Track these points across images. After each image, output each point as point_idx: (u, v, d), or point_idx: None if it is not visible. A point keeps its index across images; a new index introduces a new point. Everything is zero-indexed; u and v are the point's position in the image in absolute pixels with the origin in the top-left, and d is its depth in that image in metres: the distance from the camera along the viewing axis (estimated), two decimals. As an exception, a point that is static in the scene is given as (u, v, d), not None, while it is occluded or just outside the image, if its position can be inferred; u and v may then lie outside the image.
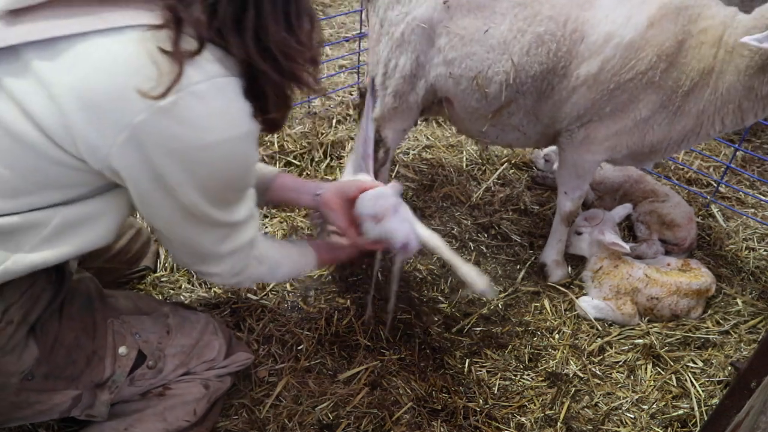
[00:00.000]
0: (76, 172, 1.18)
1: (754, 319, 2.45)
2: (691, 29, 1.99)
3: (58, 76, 1.07)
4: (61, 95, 1.07)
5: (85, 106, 1.07)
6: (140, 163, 1.13)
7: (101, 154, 1.12)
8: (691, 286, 2.37)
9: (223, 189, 1.27)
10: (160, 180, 1.17)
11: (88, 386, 1.48)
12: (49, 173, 1.16)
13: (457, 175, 3.12)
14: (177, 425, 1.63)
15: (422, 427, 1.92)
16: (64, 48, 1.08)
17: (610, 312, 2.37)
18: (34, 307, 1.35)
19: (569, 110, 2.17)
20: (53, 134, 1.11)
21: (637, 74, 2.02)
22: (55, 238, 1.25)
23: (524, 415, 2.00)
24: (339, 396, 1.98)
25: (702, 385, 2.16)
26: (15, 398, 1.37)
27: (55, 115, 1.09)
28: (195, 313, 1.76)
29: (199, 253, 1.41)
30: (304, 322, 2.22)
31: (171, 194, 1.21)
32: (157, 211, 1.27)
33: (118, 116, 1.08)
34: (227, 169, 1.22)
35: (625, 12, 2.01)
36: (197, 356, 1.67)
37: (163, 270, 2.36)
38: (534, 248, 2.72)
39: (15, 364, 1.32)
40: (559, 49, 2.06)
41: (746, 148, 3.54)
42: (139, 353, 1.57)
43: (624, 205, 2.71)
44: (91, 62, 1.07)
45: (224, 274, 1.49)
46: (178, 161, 1.14)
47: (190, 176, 1.18)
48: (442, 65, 2.22)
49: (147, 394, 1.61)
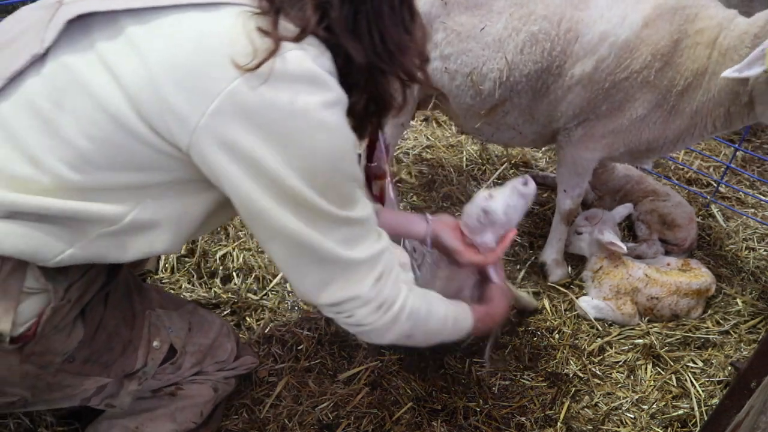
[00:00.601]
0: (155, 153, 1.14)
1: (754, 319, 2.45)
2: (687, 29, 1.99)
3: (152, 42, 1.07)
4: (153, 62, 1.06)
5: (176, 73, 1.05)
6: (231, 141, 1.08)
7: (189, 126, 1.07)
8: (691, 286, 2.37)
9: (326, 172, 1.16)
10: (253, 166, 1.10)
11: (118, 375, 1.48)
12: (127, 149, 1.12)
13: (457, 175, 3.12)
14: (185, 426, 1.64)
15: (422, 427, 1.92)
16: (161, 17, 1.08)
17: (610, 312, 2.37)
18: (88, 290, 1.35)
19: (565, 109, 2.17)
20: (141, 103, 1.08)
21: (632, 73, 2.02)
22: (123, 236, 1.24)
23: (524, 415, 2.00)
24: (339, 396, 1.98)
25: (702, 385, 2.16)
26: (52, 379, 1.36)
27: (146, 81, 1.06)
28: (211, 313, 1.76)
29: (327, 266, 1.24)
30: (304, 322, 2.22)
31: (271, 184, 1.12)
32: (262, 213, 1.16)
33: (209, 84, 1.05)
34: (322, 142, 1.12)
35: (619, 12, 2.01)
36: (211, 356, 1.68)
37: (163, 271, 2.36)
38: (534, 248, 2.72)
39: (63, 343, 1.32)
40: (554, 48, 2.06)
41: (746, 148, 3.54)
42: (169, 347, 1.57)
43: (625, 205, 2.71)
44: (186, 31, 1.06)
45: (366, 296, 1.27)
46: (268, 134, 1.08)
47: (285, 153, 1.10)
48: (439, 60, 2.23)
49: (159, 392, 1.61)
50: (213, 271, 2.40)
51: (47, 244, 1.17)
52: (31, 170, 1.12)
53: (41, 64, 1.13)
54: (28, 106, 1.12)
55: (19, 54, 1.13)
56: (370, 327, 1.33)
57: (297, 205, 1.15)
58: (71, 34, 1.12)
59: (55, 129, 1.11)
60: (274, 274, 2.39)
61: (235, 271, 2.40)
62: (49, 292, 1.23)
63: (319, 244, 1.20)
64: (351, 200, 1.23)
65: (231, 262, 2.43)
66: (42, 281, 1.22)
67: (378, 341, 1.41)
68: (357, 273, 1.26)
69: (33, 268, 1.21)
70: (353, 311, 1.29)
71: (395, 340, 1.41)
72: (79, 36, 1.11)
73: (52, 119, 1.11)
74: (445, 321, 1.51)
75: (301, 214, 1.16)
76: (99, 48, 1.09)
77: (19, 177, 1.13)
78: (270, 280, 2.38)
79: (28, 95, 1.12)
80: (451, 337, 1.58)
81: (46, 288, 1.23)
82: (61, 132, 1.11)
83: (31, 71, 1.13)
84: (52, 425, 1.78)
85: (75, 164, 1.13)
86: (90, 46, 1.10)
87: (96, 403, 1.50)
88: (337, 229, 1.21)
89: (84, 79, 1.09)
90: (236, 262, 2.43)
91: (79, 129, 1.11)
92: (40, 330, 1.24)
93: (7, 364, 1.25)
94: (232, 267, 2.42)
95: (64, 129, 1.11)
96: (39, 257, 1.18)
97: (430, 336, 1.51)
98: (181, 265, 2.39)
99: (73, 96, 1.10)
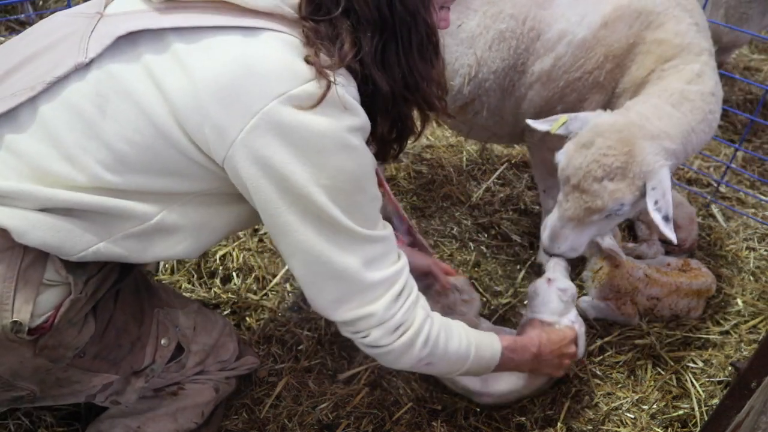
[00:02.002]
0: (189, 162, 1.21)
1: (754, 319, 2.45)
2: (645, 35, 1.96)
3: (198, 59, 1.14)
4: (198, 77, 1.13)
5: (220, 90, 1.12)
6: (265, 156, 1.15)
7: (228, 140, 1.14)
8: (691, 286, 2.37)
9: (351, 190, 1.24)
10: (282, 182, 1.18)
11: (126, 372, 1.50)
12: (164, 156, 1.20)
13: (457, 175, 3.12)
14: (187, 426, 1.65)
15: (422, 427, 1.92)
16: (207, 37, 1.16)
17: (610, 312, 2.37)
18: (102, 286, 1.39)
19: (527, 107, 2.19)
20: (183, 115, 1.15)
21: (585, 73, 2.03)
22: (147, 237, 1.29)
23: (524, 415, 2.00)
24: (339, 396, 1.98)
25: (702, 386, 2.16)
26: (62, 374, 1.39)
27: (190, 95, 1.14)
28: (214, 313, 1.78)
29: (345, 283, 1.29)
30: (304, 322, 2.22)
31: (298, 200, 1.20)
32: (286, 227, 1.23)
33: (249, 102, 1.12)
34: (349, 162, 1.20)
35: (580, 10, 2.02)
36: (214, 356, 1.69)
37: (163, 271, 2.36)
38: (534, 248, 2.71)
39: (75, 337, 1.35)
40: (519, 46, 2.09)
41: (746, 148, 3.54)
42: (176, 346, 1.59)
43: (624, 205, 2.70)
44: (231, 51, 1.14)
45: (382, 315, 1.31)
46: (300, 152, 1.15)
47: (314, 171, 1.17)
48: None
49: (161, 391, 1.62)
50: (213, 271, 2.40)
51: (73, 238, 1.22)
52: (68, 168, 1.19)
53: (85, 71, 1.19)
54: (70, 109, 1.18)
55: (60, 61, 1.19)
56: (385, 349, 1.36)
57: (321, 222, 1.22)
58: (117, 44, 1.18)
59: (96, 132, 1.18)
60: (274, 274, 2.40)
61: (235, 271, 2.40)
62: (69, 285, 1.28)
63: (338, 261, 1.25)
64: (373, 219, 1.31)
65: (231, 262, 2.43)
66: (63, 274, 1.26)
67: (394, 366, 1.45)
68: (374, 292, 1.30)
69: (54, 260, 1.25)
70: (369, 331, 1.34)
71: (413, 367, 1.44)
72: (125, 47, 1.19)
73: (94, 123, 1.18)
74: (468, 349, 1.51)
75: (324, 231, 1.23)
76: (145, 60, 1.17)
77: (54, 174, 1.19)
78: (270, 280, 2.38)
79: (70, 99, 1.19)
80: (479, 367, 1.58)
81: (66, 281, 1.27)
82: (101, 135, 1.18)
83: (74, 77, 1.19)
84: (51, 426, 1.78)
85: (111, 166, 1.19)
86: (136, 58, 1.18)
87: (101, 400, 1.52)
88: (359, 247, 1.27)
89: (129, 88, 1.17)
90: (236, 262, 2.43)
91: (120, 134, 1.17)
92: (56, 323, 1.27)
93: (20, 356, 1.28)
94: (232, 267, 2.42)
95: (104, 132, 1.18)
96: (63, 251, 1.23)
97: (452, 366, 1.52)
98: (181, 266, 2.39)
99: (116, 102, 1.17)
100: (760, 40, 4.43)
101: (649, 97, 1.89)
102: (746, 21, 3.34)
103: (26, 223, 1.18)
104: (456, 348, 1.48)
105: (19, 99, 1.18)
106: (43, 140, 1.19)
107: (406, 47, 1.22)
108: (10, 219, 1.17)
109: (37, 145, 1.19)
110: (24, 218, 1.18)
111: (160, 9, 1.20)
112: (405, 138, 1.41)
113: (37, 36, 1.30)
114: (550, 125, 1.88)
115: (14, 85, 1.21)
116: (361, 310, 1.31)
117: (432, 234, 2.72)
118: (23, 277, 1.21)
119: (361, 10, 1.16)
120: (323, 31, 1.16)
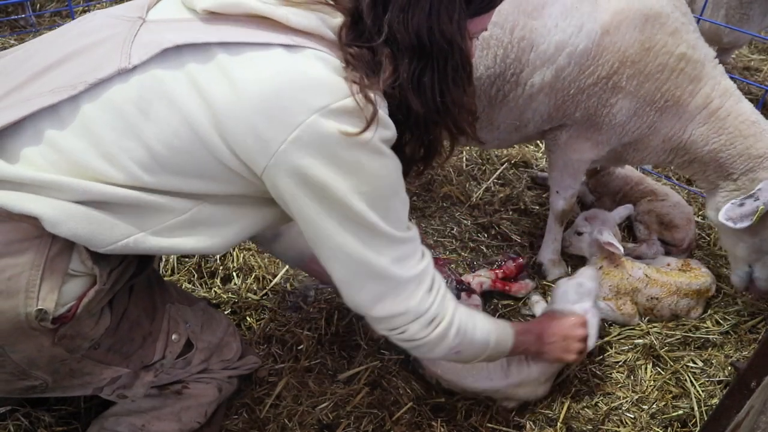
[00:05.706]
0: (225, 169, 1.25)
1: (754, 319, 2.45)
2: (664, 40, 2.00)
3: (243, 72, 1.18)
4: (242, 89, 1.17)
5: (264, 102, 1.16)
6: (305, 167, 1.19)
7: (270, 150, 1.18)
8: (691, 286, 2.37)
9: (387, 196, 1.30)
10: (321, 190, 1.22)
11: (137, 366, 1.52)
12: (200, 161, 1.23)
13: (457, 175, 3.12)
14: (190, 426, 1.66)
15: (422, 427, 1.92)
16: (252, 51, 1.19)
17: (610, 312, 2.37)
18: (120, 279, 1.41)
19: (531, 116, 2.20)
20: (225, 124, 1.18)
21: (600, 79, 2.04)
22: (179, 231, 1.32)
23: (524, 415, 2.00)
24: (339, 396, 1.98)
25: (702, 385, 2.16)
26: (75, 365, 1.41)
27: (233, 105, 1.17)
28: (218, 312, 1.79)
29: (382, 282, 1.35)
30: (304, 322, 2.22)
31: (338, 208, 1.25)
32: (326, 232, 1.29)
33: (292, 115, 1.16)
34: (384, 170, 1.27)
35: (575, 21, 2.01)
36: (217, 354, 1.70)
37: (164, 271, 2.36)
38: (534, 248, 2.71)
39: (92, 329, 1.38)
40: (507, 56, 2.06)
41: (746, 148, 3.53)
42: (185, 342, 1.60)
43: (625, 206, 2.70)
44: (275, 66, 1.18)
45: (416, 310, 1.39)
46: (339, 163, 1.21)
47: (353, 180, 1.23)
48: None
49: (165, 390, 1.62)
50: (213, 271, 2.40)
51: (105, 230, 1.25)
52: (106, 166, 1.23)
53: (129, 75, 1.22)
54: (112, 110, 1.22)
55: (102, 63, 1.23)
56: (421, 342, 1.43)
57: (358, 226, 1.28)
58: (162, 52, 1.21)
59: (136, 133, 1.22)
60: (274, 274, 2.39)
61: (235, 271, 2.40)
62: (92, 276, 1.30)
63: (376, 262, 1.32)
64: (404, 221, 1.38)
65: (231, 262, 2.43)
66: (89, 264, 1.29)
67: (429, 356, 1.55)
68: (407, 288, 1.37)
69: (80, 250, 1.28)
70: (406, 327, 1.40)
71: (445, 356, 1.52)
72: (170, 55, 1.21)
73: (135, 124, 1.21)
74: (489, 336, 1.59)
75: (362, 235, 1.29)
76: (190, 69, 1.20)
77: (92, 170, 1.23)
78: (270, 280, 2.38)
79: (113, 100, 1.22)
80: (496, 353, 1.67)
81: (91, 272, 1.30)
82: (141, 136, 1.21)
83: (117, 79, 1.22)
84: (50, 426, 1.78)
85: (148, 166, 1.23)
86: (181, 66, 1.21)
87: (107, 394, 1.53)
88: (393, 248, 1.34)
89: (173, 94, 1.20)
90: (236, 262, 2.43)
91: (160, 137, 1.21)
92: (78, 313, 1.29)
93: (38, 345, 1.29)
94: (232, 267, 2.42)
95: (144, 134, 1.21)
96: (94, 242, 1.25)
97: (477, 352, 1.60)
98: (182, 265, 2.39)
99: (159, 107, 1.20)
100: (760, 40, 4.44)
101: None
102: (746, 21, 3.35)
103: (61, 213, 1.20)
104: (480, 335, 1.56)
105: (59, 96, 1.21)
106: (84, 137, 1.22)
107: (442, 73, 1.26)
108: (44, 208, 1.20)
109: (78, 142, 1.22)
110: (59, 208, 1.21)
111: (205, 20, 1.23)
112: (431, 159, 1.46)
113: (76, 34, 1.32)
114: (751, 220, 2.00)
115: (54, 81, 1.23)
116: (397, 306, 1.37)
117: (432, 234, 2.72)
118: (50, 266, 1.23)
119: (402, 38, 1.20)
120: (364, 56, 1.21)
